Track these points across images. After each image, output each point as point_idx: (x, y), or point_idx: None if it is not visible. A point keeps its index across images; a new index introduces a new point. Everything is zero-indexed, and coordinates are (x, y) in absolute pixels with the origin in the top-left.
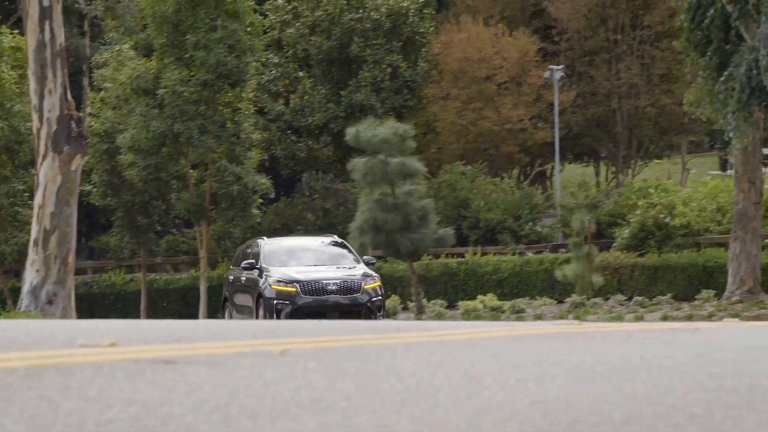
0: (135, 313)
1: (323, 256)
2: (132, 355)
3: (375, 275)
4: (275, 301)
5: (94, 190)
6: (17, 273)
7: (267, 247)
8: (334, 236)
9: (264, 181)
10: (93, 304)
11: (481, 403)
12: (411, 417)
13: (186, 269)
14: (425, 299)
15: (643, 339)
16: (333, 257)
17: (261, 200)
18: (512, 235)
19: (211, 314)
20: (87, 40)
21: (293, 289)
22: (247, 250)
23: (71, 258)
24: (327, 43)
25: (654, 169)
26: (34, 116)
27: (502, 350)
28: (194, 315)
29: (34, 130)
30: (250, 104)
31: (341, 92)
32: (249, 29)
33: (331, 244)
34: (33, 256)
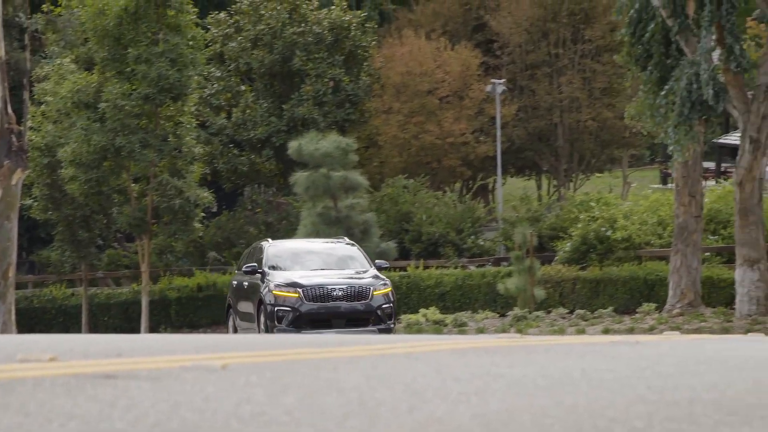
0: (76, 327)
1: (330, 259)
2: (72, 369)
3: (386, 280)
4: (276, 307)
5: (35, 204)
6: None
7: (270, 249)
8: (344, 238)
9: (206, 195)
10: (33, 319)
11: (422, 417)
12: (353, 431)
13: (128, 283)
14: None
15: (585, 352)
16: (341, 260)
17: (203, 214)
18: (454, 248)
19: (152, 328)
20: (28, 54)
21: (295, 295)
22: (251, 252)
23: (11, 272)
24: (269, 57)
25: (595, 182)
26: None
27: (444, 364)
28: (136, 329)
29: None
30: (192, 118)
31: (283, 106)
32: (191, 43)
33: (340, 247)
34: None
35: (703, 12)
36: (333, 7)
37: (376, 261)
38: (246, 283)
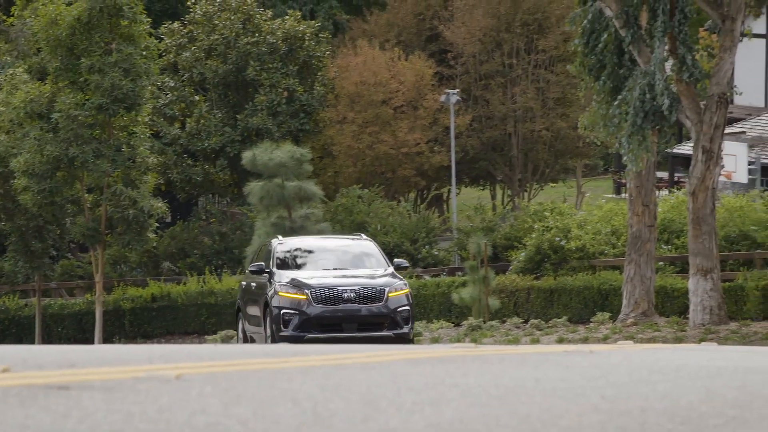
0: (29, 338)
1: (344, 257)
2: (25, 380)
3: (403, 281)
4: (282, 310)
5: None
6: None
7: (279, 247)
8: (362, 235)
9: (160, 205)
10: None
11: (376, 427)
12: None
13: (81, 294)
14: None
15: (539, 362)
16: (356, 259)
17: (157, 224)
18: (409, 258)
19: (106, 339)
20: None
21: (303, 297)
22: (260, 251)
23: None
24: (223, 67)
25: (549, 192)
26: None
27: (398, 374)
28: (90, 340)
29: None
30: (146, 128)
31: (237, 116)
32: (144, 53)
33: (355, 244)
34: None
35: (656, 22)
36: (287, 17)
37: (395, 260)
38: (254, 284)
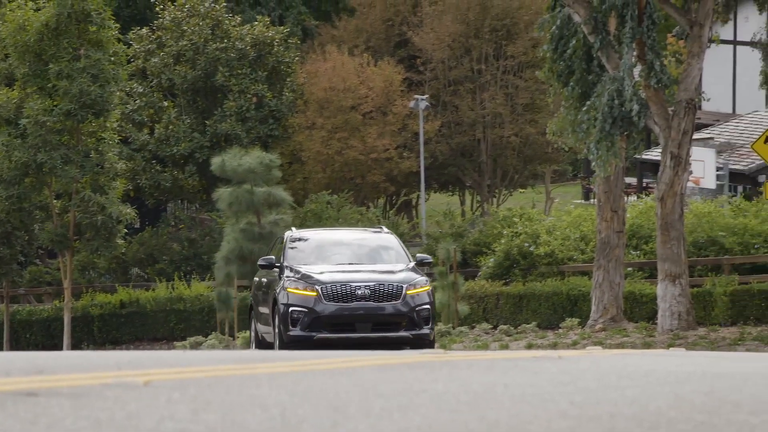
0: None
1: (362, 251)
2: None
3: (424, 278)
4: (291, 308)
5: None
6: None
7: (291, 239)
8: (382, 228)
9: (129, 211)
10: None
11: None
12: None
13: (50, 300)
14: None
15: (508, 367)
16: (374, 253)
17: (126, 230)
18: None
19: (75, 345)
20: None
21: (312, 293)
22: (274, 244)
23: None
24: (192, 73)
25: (518, 198)
26: None
27: (367, 379)
28: (58, 346)
29: None
30: (115, 134)
31: (206, 122)
32: (113, 58)
33: (374, 237)
34: None
35: (625, 28)
36: (256, 23)
37: (418, 255)
38: (264, 280)
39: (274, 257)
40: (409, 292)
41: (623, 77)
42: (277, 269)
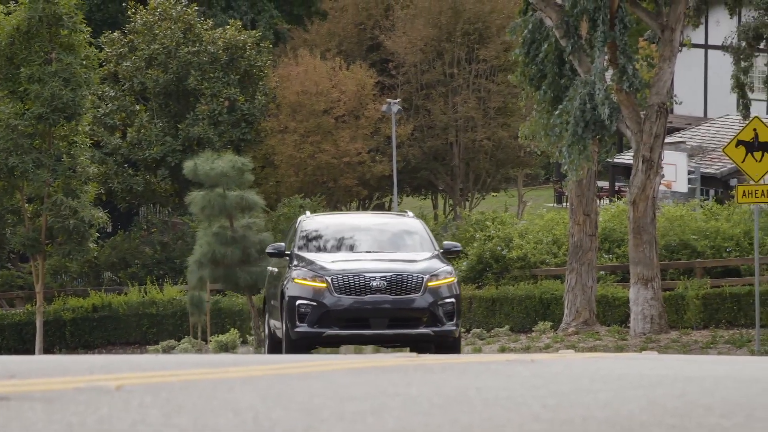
0: None
1: (382, 237)
2: None
3: (449, 268)
4: (297, 301)
5: None
6: None
7: (305, 225)
8: (408, 212)
9: (101, 215)
10: None
11: None
12: None
13: (21, 304)
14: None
15: (481, 371)
16: (396, 240)
17: (98, 234)
18: None
19: (47, 349)
20: None
21: (322, 285)
22: (289, 230)
23: None
24: (164, 77)
25: (491, 201)
26: None
27: (340, 383)
28: (30, 350)
29: None
30: (86, 138)
31: (179, 125)
32: (84, 62)
33: (397, 222)
34: None
35: (596, 32)
36: (228, 26)
37: (446, 243)
38: (276, 270)
39: (283, 244)
40: (430, 283)
41: (595, 81)
42: (287, 258)
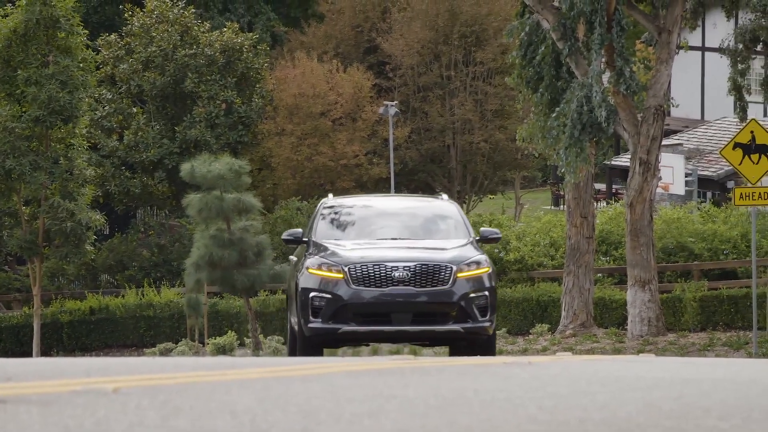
0: None
1: (412, 223)
2: None
3: (483, 257)
4: (311, 293)
5: None
6: None
7: (326, 209)
8: (443, 195)
9: (98, 218)
10: None
11: None
12: None
13: (19, 307)
14: (262, 335)
15: (478, 373)
16: (427, 225)
17: (95, 237)
18: None
19: (44, 352)
20: None
21: (338, 276)
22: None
23: None
24: (161, 79)
25: (488, 204)
26: None
27: (337, 385)
28: (28, 353)
29: None
30: (84, 140)
31: (176, 128)
32: (81, 65)
33: (429, 206)
34: None
35: (593, 35)
36: (225, 29)
37: (483, 229)
38: (295, 260)
39: (301, 230)
40: (460, 274)
41: (592, 83)
42: (305, 246)
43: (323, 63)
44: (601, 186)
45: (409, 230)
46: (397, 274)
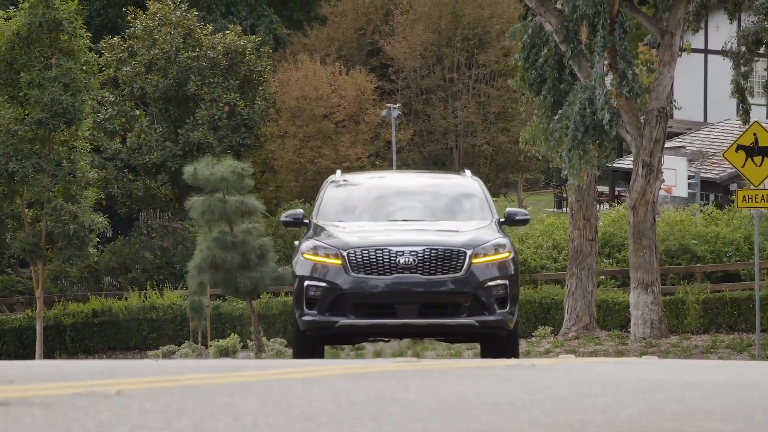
0: None
1: (429, 202)
2: None
3: (503, 242)
4: (306, 281)
5: None
6: None
7: (332, 187)
8: (466, 171)
9: (101, 220)
10: None
11: None
12: None
13: (21, 309)
14: (265, 338)
15: (480, 376)
16: (445, 206)
17: (98, 239)
18: None
19: (47, 354)
20: None
21: (336, 262)
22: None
23: None
24: (164, 82)
25: None
26: None
27: (339, 388)
28: (30, 355)
29: None
30: (86, 143)
31: (178, 130)
32: (84, 67)
33: (449, 184)
34: None
35: (596, 37)
36: (228, 31)
37: (508, 209)
38: (297, 243)
39: (302, 211)
40: (476, 260)
41: (595, 86)
42: (305, 228)
43: (326, 65)
44: (603, 188)
45: (424, 210)
46: (402, 259)
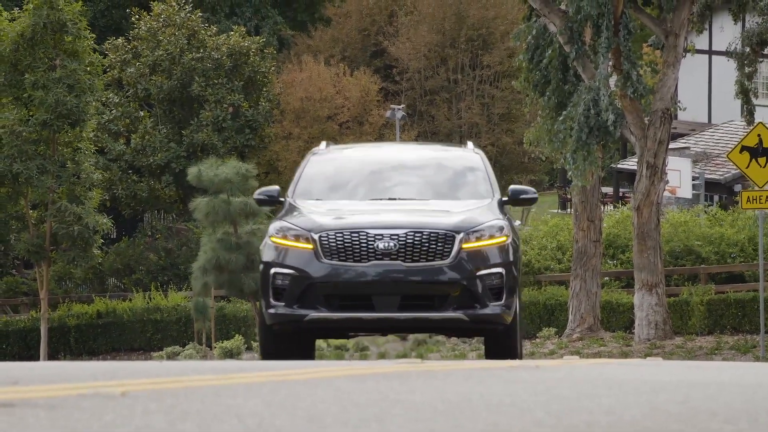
0: None
1: (422, 177)
2: None
3: (501, 224)
4: (272, 269)
5: None
6: None
7: (314, 161)
8: (469, 144)
9: (105, 221)
10: None
11: None
12: None
13: (26, 310)
14: None
15: (484, 377)
16: (438, 182)
17: (102, 240)
18: None
19: (52, 356)
20: None
21: (307, 246)
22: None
23: None
24: (168, 83)
25: None
26: None
27: (343, 390)
28: (35, 357)
29: None
30: (91, 144)
31: (183, 132)
32: (88, 69)
33: (450, 158)
34: None
35: (600, 38)
36: (232, 33)
37: (513, 187)
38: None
39: (278, 188)
40: (466, 244)
41: (599, 87)
42: (280, 206)
43: (330, 66)
44: (608, 189)
45: (415, 187)
46: (381, 244)
